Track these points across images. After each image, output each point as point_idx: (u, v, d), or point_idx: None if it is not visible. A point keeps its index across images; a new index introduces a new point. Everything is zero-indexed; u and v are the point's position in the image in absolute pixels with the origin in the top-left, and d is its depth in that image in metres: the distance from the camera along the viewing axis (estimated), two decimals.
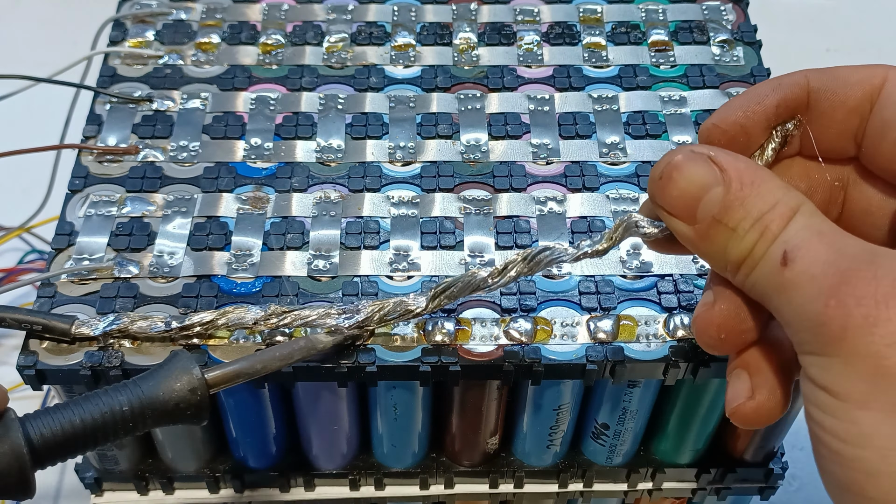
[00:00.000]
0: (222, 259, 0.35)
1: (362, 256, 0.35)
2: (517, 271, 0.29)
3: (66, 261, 0.35)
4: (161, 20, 0.43)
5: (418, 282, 0.34)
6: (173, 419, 0.27)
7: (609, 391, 0.36)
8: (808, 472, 0.53)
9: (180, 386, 0.27)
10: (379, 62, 0.42)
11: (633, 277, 0.34)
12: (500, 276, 0.29)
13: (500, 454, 0.39)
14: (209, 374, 0.28)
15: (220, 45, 0.42)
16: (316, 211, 0.36)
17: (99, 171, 0.37)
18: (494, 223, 0.36)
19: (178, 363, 0.28)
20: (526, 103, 0.40)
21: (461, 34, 0.43)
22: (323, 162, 0.38)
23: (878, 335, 0.21)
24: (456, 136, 0.39)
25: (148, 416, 0.26)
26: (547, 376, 0.32)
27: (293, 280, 0.34)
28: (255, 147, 0.38)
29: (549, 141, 0.39)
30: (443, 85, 0.41)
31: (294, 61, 0.42)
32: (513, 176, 0.37)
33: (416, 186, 0.37)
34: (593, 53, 0.42)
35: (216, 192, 0.37)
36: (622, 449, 0.39)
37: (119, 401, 0.26)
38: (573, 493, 0.40)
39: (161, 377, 0.27)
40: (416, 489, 0.39)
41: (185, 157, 0.38)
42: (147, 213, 0.36)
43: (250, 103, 0.40)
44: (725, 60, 0.42)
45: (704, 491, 0.41)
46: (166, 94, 0.40)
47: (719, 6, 0.44)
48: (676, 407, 0.37)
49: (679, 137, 0.39)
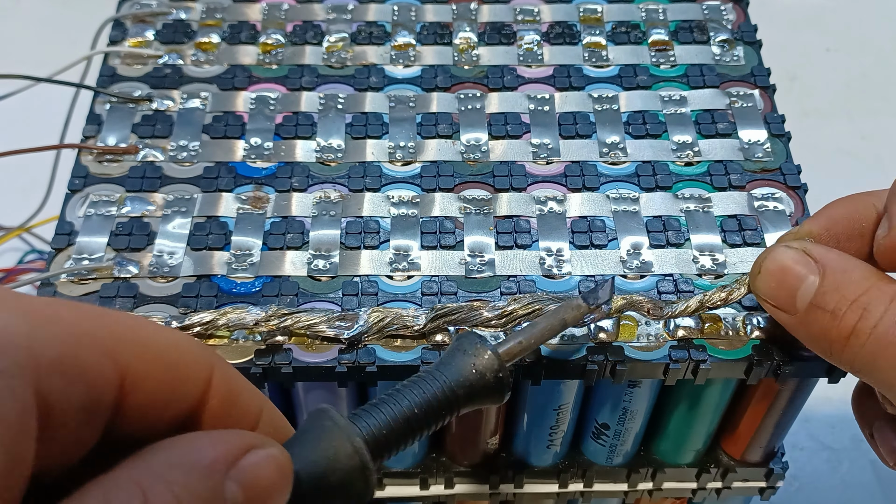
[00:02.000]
0: (222, 259, 0.35)
1: (362, 256, 0.35)
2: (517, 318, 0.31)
3: (66, 260, 0.34)
4: (161, 20, 0.43)
5: (418, 282, 0.34)
6: (481, 398, 0.26)
7: (609, 391, 0.36)
8: (808, 473, 0.53)
9: (479, 362, 0.26)
10: (379, 62, 0.42)
11: (633, 277, 0.34)
12: (503, 318, 0.32)
13: (501, 454, 0.39)
14: (500, 349, 0.27)
15: (220, 44, 0.42)
16: (316, 211, 0.36)
17: (99, 171, 0.37)
18: (494, 223, 0.36)
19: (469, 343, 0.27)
20: (526, 103, 0.40)
21: (461, 34, 0.43)
22: (323, 162, 0.38)
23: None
24: (456, 135, 0.39)
25: (461, 397, 0.25)
26: (547, 376, 0.32)
27: (293, 280, 0.34)
28: (255, 147, 0.38)
29: (549, 141, 0.39)
30: (443, 85, 0.41)
31: (294, 61, 0.42)
32: (513, 176, 0.37)
33: (416, 186, 0.37)
34: (593, 53, 0.42)
35: (216, 192, 0.37)
36: (622, 449, 0.38)
37: (430, 389, 0.25)
38: (573, 494, 0.40)
39: (458, 359, 0.26)
40: (416, 489, 0.39)
41: (184, 157, 0.38)
42: (147, 212, 0.36)
43: (250, 103, 0.40)
44: (726, 60, 0.42)
45: (705, 491, 0.41)
46: (166, 93, 0.40)
47: (719, 6, 0.44)
48: (677, 407, 0.37)
49: (679, 137, 0.39)
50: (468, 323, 0.32)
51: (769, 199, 0.37)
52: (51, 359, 0.16)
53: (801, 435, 0.54)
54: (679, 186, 0.37)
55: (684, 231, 0.36)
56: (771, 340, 0.32)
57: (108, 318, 0.18)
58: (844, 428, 0.55)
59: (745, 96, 0.40)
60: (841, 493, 0.53)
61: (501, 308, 0.32)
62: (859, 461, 0.54)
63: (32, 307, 0.17)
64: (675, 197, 0.37)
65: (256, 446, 0.19)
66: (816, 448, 0.54)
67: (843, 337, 0.27)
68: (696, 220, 0.36)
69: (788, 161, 0.38)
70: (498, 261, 0.35)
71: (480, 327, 0.32)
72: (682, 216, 0.36)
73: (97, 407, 0.17)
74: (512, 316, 0.31)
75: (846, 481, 0.53)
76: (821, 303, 0.27)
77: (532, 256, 0.35)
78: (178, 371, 0.19)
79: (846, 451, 0.54)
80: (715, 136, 0.39)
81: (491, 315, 0.32)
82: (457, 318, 0.32)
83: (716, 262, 0.35)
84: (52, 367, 0.16)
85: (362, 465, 0.21)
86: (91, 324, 0.17)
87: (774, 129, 0.39)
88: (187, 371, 0.19)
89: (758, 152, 0.38)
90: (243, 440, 0.19)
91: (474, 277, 0.34)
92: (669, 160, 0.38)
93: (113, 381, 0.17)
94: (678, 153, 0.38)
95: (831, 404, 0.55)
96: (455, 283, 0.34)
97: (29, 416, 0.16)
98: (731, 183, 0.37)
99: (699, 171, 0.38)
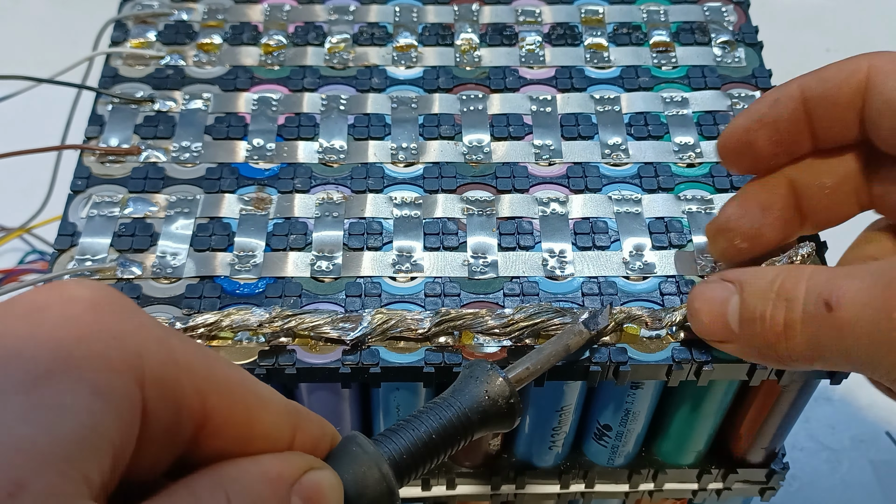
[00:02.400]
0: (225, 260, 0.35)
1: (365, 257, 0.35)
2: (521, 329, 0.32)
3: (69, 261, 0.34)
4: (162, 21, 0.43)
5: (421, 283, 0.34)
6: (493, 423, 0.27)
7: (612, 392, 0.36)
8: (808, 473, 0.53)
9: (491, 389, 0.27)
10: (381, 63, 0.42)
11: (635, 279, 0.34)
12: (507, 328, 0.32)
13: (502, 455, 0.39)
14: (510, 374, 0.28)
15: (222, 45, 0.42)
16: (319, 212, 0.36)
17: (101, 172, 0.37)
18: (497, 224, 0.36)
19: (480, 370, 0.27)
20: (528, 104, 0.40)
21: (463, 35, 0.43)
22: (325, 163, 0.38)
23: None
24: (458, 136, 0.39)
25: (475, 422, 0.26)
26: (550, 377, 0.32)
27: (296, 281, 0.34)
28: (258, 148, 0.38)
29: (551, 142, 0.39)
30: (445, 86, 0.41)
31: (296, 62, 0.42)
32: (515, 177, 0.37)
33: (418, 187, 0.37)
34: (595, 54, 0.42)
35: (218, 193, 0.37)
36: (624, 450, 0.39)
37: (447, 415, 0.26)
38: (574, 494, 0.40)
39: (471, 385, 0.27)
40: (418, 490, 0.39)
41: (187, 158, 0.38)
42: (149, 213, 0.36)
43: (252, 104, 0.40)
44: (727, 61, 0.42)
45: (705, 492, 0.41)
46: (168, 94, 0.40)
47: (721, 7, 0.44)
48: (679, 408, 0.37)
49: (681, 138, 0.39)
50: (472, 329, 0.32)
51: None
52: (155, 374, 0.18)
53: (801, 435, 0.54)
54: (681, 188, 0.37)
55: (686, 232, 0.36)
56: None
57: (209, 360, 0.20)
58: (844, 428, 0.55)
59: (746, 98, 0.40)
60: (841, 493, 0.53)
61: (507, 317, 0.32)
62: (859, 461, 0.54)
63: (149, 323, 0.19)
64: (678, 198, 0.37)
65: (315, 467, 0.21)
66: (816, 448, 0.54)
67: (780, 335, 0.27)
68: (699, 222, 0.36)
69: None
70: (501, 262, 0.35)
71: (484, 334, 0.32)
72: (684, 217, 0.36)
73: (178, 435, 0.19)
74: (516, 326, 0.32)
75: (846, 481, 0.53)
76: (749, 314, 0.28)
77: (535, 258, 0.35)
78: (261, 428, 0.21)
79: (846, 451, 0.54)
80: (717, 137, 0.39)
81: (495, 323, 0.32)
82: (462, 324, 0.32)
83: (717, 264, 0.35)
84: (154, 381, 0.18)
85: (389, 491, 0.23)
86: (193, 360, 0.19)
87: None
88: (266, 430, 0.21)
89: None
90: (304, 461, 0.21)
91: (477, 279, 0.34)
92: (671, 161, 0.38)
93: (197, 419, 0.19)
94: (680, 154, 0.38)
95: (831, 404, 0.56)
96: (458, 285, 0.34)
97: (137, 409, 0.17)
98: (732, 185, 0.37)
99: (701, 173, 0.38)
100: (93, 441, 0.17)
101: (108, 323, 0.18)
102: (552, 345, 0.30)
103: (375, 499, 0.22)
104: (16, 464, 0.15)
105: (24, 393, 0.16)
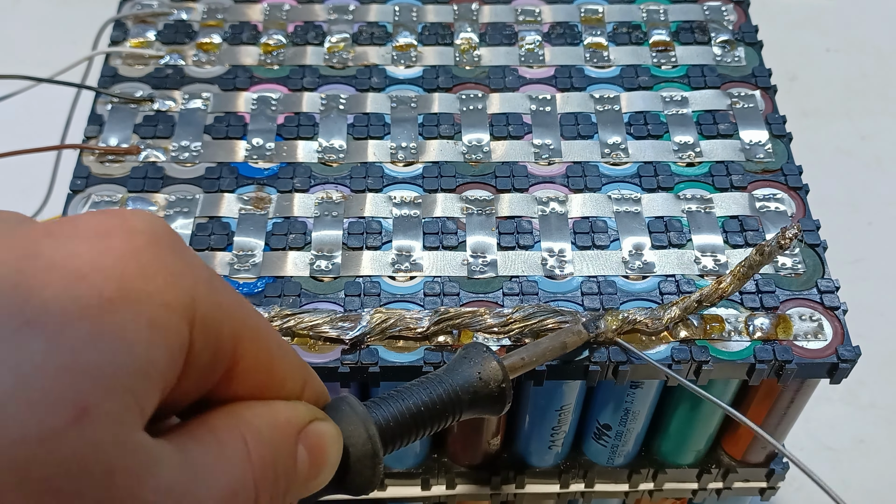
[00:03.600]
0: (224, 259, 0.35)
1: (364, 257, 0.35)
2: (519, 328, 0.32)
3: None
4: (162, 20, 0.43)
5: (420, 282, 0.34)
6: (483, 407, 0.27)
7: (612, 392, 0.36)
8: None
9: (484, 371, 0.27)
10: (380, 62, 0.42)
11: (635, 278, 0.34)
12: (506, 326, 0.32)
13: (502, 455, 0.39)
14: (505, 361, 0.28)
15: (222, 45, 0.42)
16: (318, 211, 0.36)
17: (101, 172, 0.37)
18: (496, 224, 0.36)
19: (476, 353, 0.27)
20: (527, 103, 0.40)
21: (462, 34, 0.43)
22: (325, 162, 0.38)
23: None
24: (458, 136, 0.39)
25: (464, 402, 0.26)
26: (549, 377, 0.32)
27: (295, 280, 0.34)
28: (257, 147, 0.38)
29: (550, 141, 0.39)
30: (444, 85, 0.41)
31: (295, 61, 0.42)
32: (515, 176, 0.37)
33: (417, 187, 0.37)
34: (595, 54, 0.42)
35: (218, 193, 0.37)
36: (624, 450, 0.39)
37: (437, 390, 0.26)
38: (574, 494, 0.40)
39: (464, 365, 0.27)
40: (418, 489, 0.39)
41: (186, 158, 0.38)
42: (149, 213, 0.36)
43: (252, 103, 0.40)
44: (727, 61, 0.42)
45: (705, 491, 0.41)
46: (167, 94, 0.40)
47: (720, 6, 0.44)
48: (679, 408, 0.37)
49: (681, 138, 0.39)
50: (471, 328, 0.32)
51: (770, 199, 0.37)
52: (202, 315, 0.18)
53: (801, 435, 0.54)
54: (681, 187, 0.37)
55: (686, 232, 0.36)
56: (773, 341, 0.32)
57: (244, 307, 0.20)
58: (844, 428, 0.55)
59: (746, 97, 0.40)
60: (841, 493, 0.53)
61: (506, 316, 0.32)
62: (859, 461, 0.54)
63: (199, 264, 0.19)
64: (677, 197, 0.37)
65: (319, 418, 0.22)
66: (816, 448, 0.54)
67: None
68: (698, 221, 0.36)
69: (790, 162, 0.38)
70: (500, 261, 0.35)
71: (483, 333, 0.32)
72: (683, 217, 0.36)
73: (210, 375, 0.19)
74: (514, 325, 0.32)
75: (846, 481, 0.53)
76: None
77: (534, 257, 0.35)
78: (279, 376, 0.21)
79: (846, 451, 0.54)
80: (716, 136, 0.39)
81: (494, 322, 0.32)
82: (460, 323, 0.32)
83: (718, 263, 0.35)
84: (201, 322, 0.18)
85: (374, 452, 0.23)
86: (233, 304, 0.19)
87: (776, 129, 0.39)
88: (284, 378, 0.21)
89: (759, 153, 0.38)
90: (311, 411, 0.22)
91: (476, 278, 0.34)
92: (671, 161, 0.38)
93: (228, 362, 0.20)
94: (680, 154, 0.38)
95: (831, 404, 0.56)
96: (457, 284, 0.34)
97: (184, 349, 0.18)
98: (732, 184, 0.37)
99: (701, 172, 0.38)
100: (150, 373, 0.17)
101: (166, 260, 0.18)
102: (550, 340, 0.30)
103: (360, 458, 0.23)
104: (82, 388, 0.16)
105: (89, 318, 0.16)
